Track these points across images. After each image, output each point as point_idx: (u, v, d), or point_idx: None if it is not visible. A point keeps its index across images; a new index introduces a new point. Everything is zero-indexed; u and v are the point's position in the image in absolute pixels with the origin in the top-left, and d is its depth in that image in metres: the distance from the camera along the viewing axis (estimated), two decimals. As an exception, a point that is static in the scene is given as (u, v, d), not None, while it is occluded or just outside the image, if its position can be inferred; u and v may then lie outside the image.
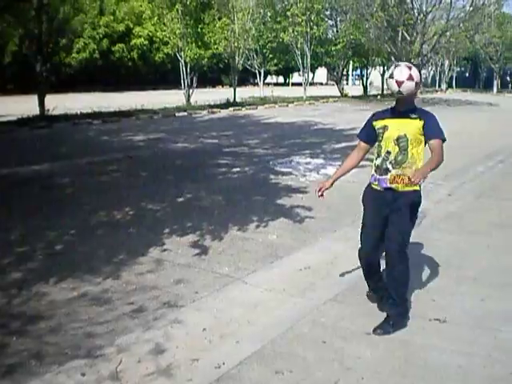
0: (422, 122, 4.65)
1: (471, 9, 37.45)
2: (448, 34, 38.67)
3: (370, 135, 4.97)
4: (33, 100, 22.28)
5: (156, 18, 30.18)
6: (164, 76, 51.55)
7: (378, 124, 4.85)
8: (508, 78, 67.81)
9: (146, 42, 45.77)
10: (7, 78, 41.42)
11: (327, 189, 5.01)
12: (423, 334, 4.68)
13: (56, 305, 5.10)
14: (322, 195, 4.99)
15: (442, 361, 4.26)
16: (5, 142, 16.42)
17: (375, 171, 4.88)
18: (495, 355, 4.35)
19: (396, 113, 4.79)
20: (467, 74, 71.65)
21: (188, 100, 29.01)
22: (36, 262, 6.24)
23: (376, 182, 4.85)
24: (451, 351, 4.41)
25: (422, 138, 4.69)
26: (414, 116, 4.68)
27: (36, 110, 21.33)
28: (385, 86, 47.40)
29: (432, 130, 4.67)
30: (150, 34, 42.80)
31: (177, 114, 25.24)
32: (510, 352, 4.41)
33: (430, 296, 5.45)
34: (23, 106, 23.22)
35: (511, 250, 6.92)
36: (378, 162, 4.85)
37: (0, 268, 6.02)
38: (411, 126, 4.67)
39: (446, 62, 58.73)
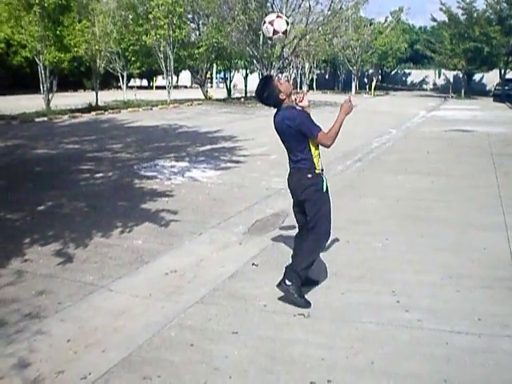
0: None
1: (329, 13, 38.88)
2: (307, 37, 39.90)
3: None
4: None
5: (13, 21, 28.91)
6: (22, 80, 49.54)
7: None
8: (365, 80, 70.73)
9: (3, 46, 43.73)
10: None
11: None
12: (288, 330, 4.82)
13: None
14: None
15: (306, 354, 4.40)
16: None
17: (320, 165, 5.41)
18: (357, 346, 4.55)
19: None
20: (327, 76, 74.07)
21: (48, 105, 28.09)
22: None
23: None
24: (315, 344, 4.56)
25: None
26: None
27: None
28: (248, 89, 48.27)
29: None
30: (7, 37, 40.99)
31: (36, 120, 24.38)
32: (370, 342, 4.62)
33: (292, 292, 5.59)
34: None
35: (368, 245, 7.24)
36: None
37: None
38: None
39: (307, 65, 60.36)
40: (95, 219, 8.27)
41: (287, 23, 5.48)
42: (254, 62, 40.79)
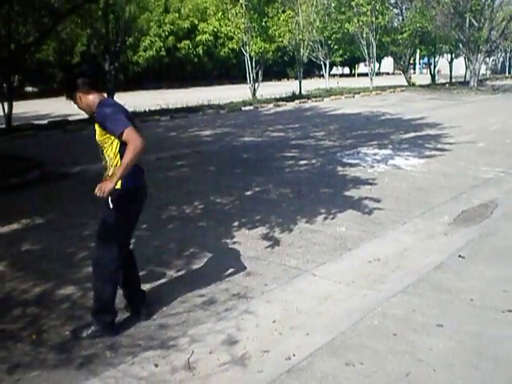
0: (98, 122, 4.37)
1: (541, -8, 36.40)
2: (517, 18, 37.73)
3: None
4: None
5: (220, 14, 30.31)
6: (229, 71, 51.92)
7: None
8: None
9: (211, 38, 46.07)
10: (77, 77, 42.41)
11: None
12: (496, 326, 4.59)
13: (129, 297, 5.22)
14: None
15: (515, 353, 4.18)
16: (75, 139, 16.86)
17: None
18: None
19: None
20: (538, 60, 69.47)
21: (254, 94, 29.14)
22: (109, 256, 6.38)
23: None
24: (526, 343, 4.32)
25: (111, 137, 4.35)
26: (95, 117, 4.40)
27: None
28: (453, 74, 46.59)
29: (109, 125, 4.28)
30: (215, 29, 42.99)
31: (243, 108, 25.39)
32: None
33: (500, 287, 5.33)
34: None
35: None
36: None
37: (75, 263, 6.21)
38: (96, 129, 4.41)
39: (516, 48, 57.11)
40: (299, 205, 8.44)
41: None
42: (460, 46, 39.26)
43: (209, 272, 5.83)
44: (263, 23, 28.21)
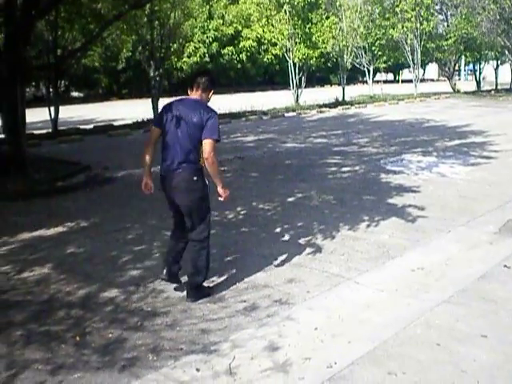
0: None
1: None
2: None
3: None
4: (147, 104, 23.13)
5: (264, 20, 30.37)
6: (272, 77, 52.12)
7: None
8: None
9: (255, 44, 46.26)
10: (122, 83, 43.12)
11: None
12: (543, 338, 4.50)
13: (172, 302, 5.28)
14: None
15: None
16: (120, 144, 17.06)
17: None
18: None
19: None
20: None
21: (297, 100, 29.13)
22: (153, 260, 6.46)
23: None
24: None
25: None
26: None
27: (150, 114, 21.97)
28: (499, 81, 45.82)
29: None
30: (258, 35, 43.12)
31: (286, 115, 25.40)
32: None
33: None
34: (137, 109, 24.08)
35: None
36: None
37: (118, 266, 6.28)
38: None
39: None
40: (342, 212, 8.40)
41: None
42: (506, 52, 38.61)
43: (251, 278, 5.84)
44: (307, 29, 28.20)
